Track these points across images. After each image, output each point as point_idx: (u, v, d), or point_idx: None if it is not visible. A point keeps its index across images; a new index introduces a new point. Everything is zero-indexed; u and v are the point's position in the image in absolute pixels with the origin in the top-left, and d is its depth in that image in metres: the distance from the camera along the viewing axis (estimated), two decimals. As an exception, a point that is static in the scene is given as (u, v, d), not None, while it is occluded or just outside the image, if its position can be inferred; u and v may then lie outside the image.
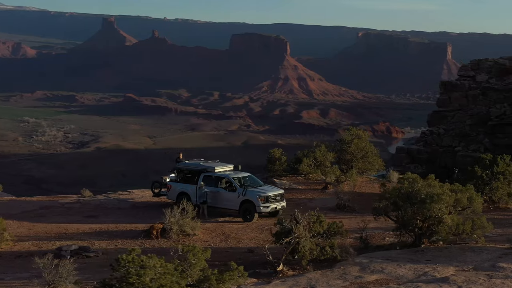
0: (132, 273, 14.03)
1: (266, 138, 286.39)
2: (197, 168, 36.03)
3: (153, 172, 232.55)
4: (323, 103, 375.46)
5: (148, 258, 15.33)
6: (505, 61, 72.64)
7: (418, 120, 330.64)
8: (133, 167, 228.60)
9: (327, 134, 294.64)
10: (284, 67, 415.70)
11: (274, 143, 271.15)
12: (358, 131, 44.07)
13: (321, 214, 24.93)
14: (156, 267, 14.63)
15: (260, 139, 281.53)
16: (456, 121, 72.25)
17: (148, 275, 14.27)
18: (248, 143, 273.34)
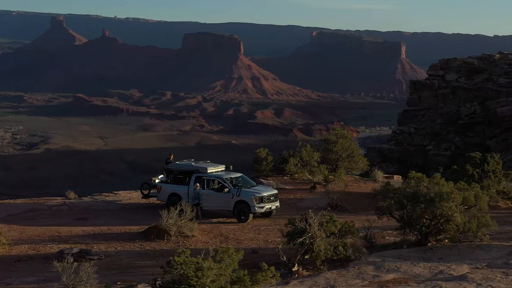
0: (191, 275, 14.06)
1: (220, 138, 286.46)
2: (189, 169, 35.99)
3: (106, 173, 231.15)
4: (278, 103, 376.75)
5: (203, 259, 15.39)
6: (474, 61, 74.37)
7: (373, 119, 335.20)
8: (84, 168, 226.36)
9: (282, 134, 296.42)
10: (237, 66, 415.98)
11: (228, 143, 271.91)
12: (343, 131, 44.50)
13: (333, 214, 25.23)
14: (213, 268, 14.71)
15: (214, 139, 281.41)
16: (426, 120, 73.78)
17: (208, 277, 14.34)
18: (202, 143, 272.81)
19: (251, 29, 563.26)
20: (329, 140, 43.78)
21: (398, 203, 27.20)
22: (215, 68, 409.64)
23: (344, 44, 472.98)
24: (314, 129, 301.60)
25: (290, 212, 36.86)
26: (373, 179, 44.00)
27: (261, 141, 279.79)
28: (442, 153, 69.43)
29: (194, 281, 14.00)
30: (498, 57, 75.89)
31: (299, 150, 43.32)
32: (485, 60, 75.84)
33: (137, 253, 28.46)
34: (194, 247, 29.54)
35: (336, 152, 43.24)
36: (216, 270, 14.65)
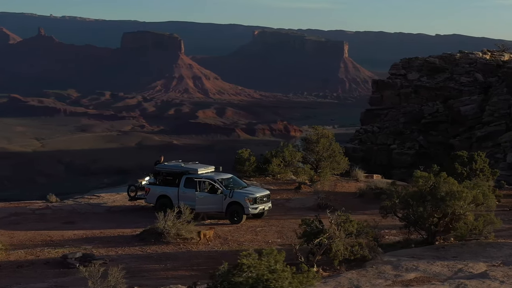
0: (270, 278, 14.13)
1: (161, 138, 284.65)
2: (179, 170, 35.92)
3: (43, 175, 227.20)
4: (220, 103, 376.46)
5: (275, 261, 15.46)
6: (435, 60, 75.84)
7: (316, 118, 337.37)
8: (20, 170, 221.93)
9: (224, 133, 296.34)
10: (178, 66, 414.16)
11: (169, 144, 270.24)
12: (324, 130, 44.95)
13: (348, 214, 25.57)
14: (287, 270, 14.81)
15: (154, 140, 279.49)
16: (389, 119, 74.97)
17: (286, 278, 14.44)
18: (143, 144, 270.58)
19: (192, 28, 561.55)
20: (310, 140, 44.08)
21: (404, 203, 27.71)
22: (155, 67, 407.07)
23: (286, 43, 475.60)
24: (257, 129, 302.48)
25: (280, 212, 37.22)
26: (354, 179, 44.55)
27: (203, 141, 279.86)
28: (406, 152, 70.69)
29: (273, 284, 14.05)
30: (459, 56, 77.60)
31: (281, 150, 43.54)
32: (446, 59, 77.45)
33: (140, 256, 28.31)
34: (196, 249, 29.60)
35: (318, 152, 43.57)
36: (287, 273, 14.72)
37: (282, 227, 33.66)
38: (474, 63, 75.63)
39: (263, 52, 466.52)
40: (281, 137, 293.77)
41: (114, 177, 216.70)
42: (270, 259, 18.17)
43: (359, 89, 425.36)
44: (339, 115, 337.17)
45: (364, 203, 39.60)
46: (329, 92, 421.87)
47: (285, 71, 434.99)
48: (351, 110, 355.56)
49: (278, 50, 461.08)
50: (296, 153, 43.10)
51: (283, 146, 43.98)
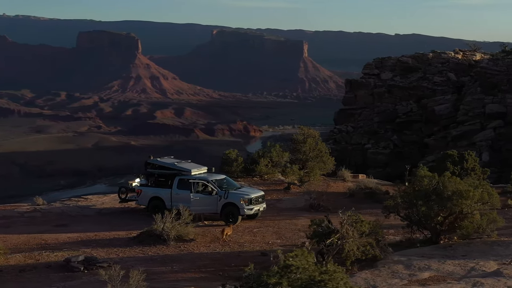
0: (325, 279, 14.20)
1: (119, 139, 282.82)
2: (171, 172, 35.78)
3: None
4: (178, 103, 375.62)
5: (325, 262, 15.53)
6: (408, 59, 76.75)
7: (276, 118, 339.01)
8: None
9: (183, 134, 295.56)
10: (135, 65, 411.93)
11: (127, 145, 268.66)
12: (309, 130, 45.16)
13: (359, 214, 25.79)
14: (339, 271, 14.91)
15: (112, 141, 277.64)
16: (363, 119, 75.65)
17: (342, 279, 14.53)
18: (100, 145, 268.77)
19: (149, 27, 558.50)
20: (296, 140, 44.27)
21: (408, 202, 28.03)
22: (112, 67, 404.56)
23: (245, 42, 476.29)
24: (217, 129, 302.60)
25: (272, 213, 37.29)
26: (341, 179, 44.86)
27: (161, 141, 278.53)
28: (381, 152, 71.41)
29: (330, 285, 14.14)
30: (431, 56, 78.66)
31: (268, 151, 43.65)
32: (418, 59, 78.47)
33: (143, 259, 28.14)
34: (198, 251, 29.54)
35: (304, 152, 43.78)
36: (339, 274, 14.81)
37: (278, 228, 33.75)
38: (447, 63, 76.77)
39: (222, 52, 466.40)
40: (240, 137, 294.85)
41: (71, 178, 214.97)
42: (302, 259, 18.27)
43: (319, 88, 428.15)
44: (299, 115, 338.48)
45: (355, 203, 39.75)
46: (289, 92, 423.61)
47: (245, 71, 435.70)
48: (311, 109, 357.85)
49: (237, 50, 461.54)
50: (284, 154, 43.15)
51: (270, 146, 43.98)
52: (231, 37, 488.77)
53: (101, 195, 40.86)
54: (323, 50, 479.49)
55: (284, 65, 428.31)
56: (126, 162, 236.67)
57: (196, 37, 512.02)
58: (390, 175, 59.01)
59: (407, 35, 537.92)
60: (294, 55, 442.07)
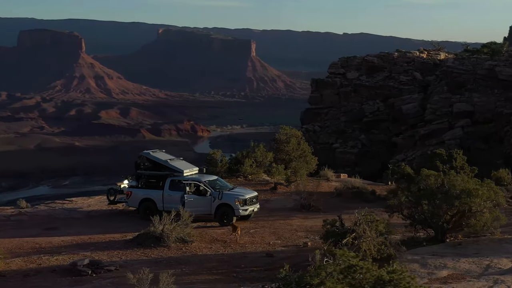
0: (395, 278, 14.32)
1: (62, 140, 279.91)
2: (162, 173, 35.59)
3: None
4: (123, 103, 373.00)
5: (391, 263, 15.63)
6: (373, 59, 77.63)
7: (224, 118, 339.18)
8: None
9: (129, 134, 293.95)
10: (79, 65, 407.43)
11: (71, 145, 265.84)
12: (292, 130, 45.41)
13: (372, 213, 26.09)
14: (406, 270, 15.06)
15: (55, 142, 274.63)
16: (330, 118, 76.29)
17: (412, 278, 14.69)
18: (42, 146, 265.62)
19: (93, 26, 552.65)
20: (279, 140, 44.47)
21: (412, 201, 28.43)
22: (55, 66, 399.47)
23: (192, 41, 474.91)
24: (163, 129, 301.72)
25: (263, 214, 37.37)
26: (325, 178, 45.20)
27: (107, 142, 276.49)
28: (349, 151, 72.09)
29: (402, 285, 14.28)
30: (397, 55, 79.69)
31: (252, 151, 43.74)
32: (384, 58, 79.42)
33: (148, 261, 27.87)
34: (202, 252, 29.47)
35: (288, 152, 44.01)
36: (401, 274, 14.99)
37: (275, 229, 33.85)
38: (412, 62, 77.89)
39: (168, 51, 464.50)
40: (188, 137, 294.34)
41: (12, 181, 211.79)
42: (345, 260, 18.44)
43: (267, 88, 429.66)
44: (247, 115, 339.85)
45: (344, 202, 40.28)
46: (237, 91, 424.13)
47: (192, 70, 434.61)
48: (259, 109, 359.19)
49: (184, 49, 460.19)
50: (268, 154, 43.30)
51: (254, 146, 44.08)
52: (177, 36, 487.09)
53: (85, 198, 40.46)
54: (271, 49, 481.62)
55: (232, 65, 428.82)
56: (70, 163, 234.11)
57: (142, 36, 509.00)
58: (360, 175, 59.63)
59: (355, 34, 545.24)
60: (242, 54, 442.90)
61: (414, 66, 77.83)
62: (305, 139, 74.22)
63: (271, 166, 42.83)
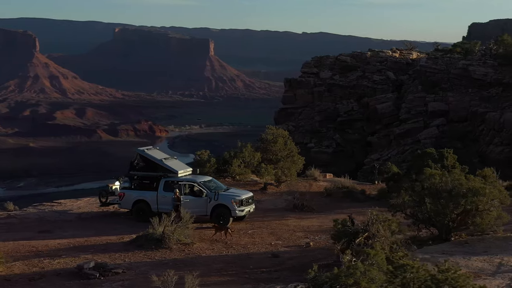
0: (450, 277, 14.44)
1: (16, 141, 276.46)
2: (156, 174, 35.38)
3: None
4: (79, 103, 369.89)
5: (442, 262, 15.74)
6: (347, 58, 78.19)
7: (182, 118, 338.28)
8: None
9: (85, 135, 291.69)
10: (33, 64, 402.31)
11: (25, 147, 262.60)
12: (278, 130, 45.51)
13: (383, 212, 26.29)
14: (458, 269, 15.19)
15: (9, 143, 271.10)
16: (304, 118, 76.61)
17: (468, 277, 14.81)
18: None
19: (47, 25, 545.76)
20: (266, 140, 44.54)
21: (416, 200, 28.72)
22: (8, 66, 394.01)
23: (149, 40, 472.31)
24: (120, 130, 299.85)
25: (257, 214, 37.38)
26: (312, 178, 45.40)
27: (62, 143, 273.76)
28: (324, 150, 72.46)
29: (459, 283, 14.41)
30: (369, 55, 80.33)
31: (240, 151, 43.74)
32: (357, 57, 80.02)
33: (153, 264, 27.73)
34: (205, 254, 29.38)
35: (275, 152, 44.10)
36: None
37: (272, 229, 33.90)
38: (385, 62, 78.61)
39: (125, 50, 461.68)
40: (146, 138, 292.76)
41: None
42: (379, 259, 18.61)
43: (225, 87, 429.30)
44: (206, 114, 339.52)
45: (335, 202, 40.59)
46: (195, 91, 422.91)
47: (149, 70, 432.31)
48: (218, 109, 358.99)
49: (141, 48, 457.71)
50: (255, 154, 43.34)
51: (241, 146, 44.09)
52: (134, 35, 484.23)
53: (74, 200, 40.01)
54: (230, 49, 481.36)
55: (190, 64, 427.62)
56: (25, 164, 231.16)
57: (98, 35, 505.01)
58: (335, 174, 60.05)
59: (314, 33, 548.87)
60: (200, 54, 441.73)
61: (387, 65, 78.57)
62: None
63: (259, 166, 42.84)
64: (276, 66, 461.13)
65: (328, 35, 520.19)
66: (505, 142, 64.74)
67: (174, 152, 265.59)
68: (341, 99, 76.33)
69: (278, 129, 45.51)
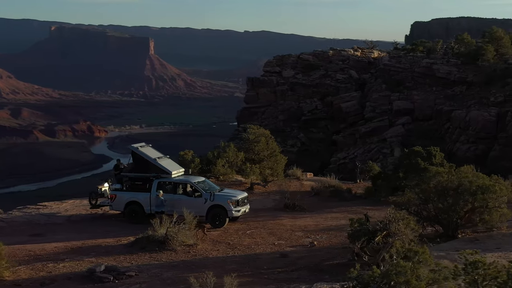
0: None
1: None
2: (149, 175, 35.13)
3: None
4: (14, 103, 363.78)
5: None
6: (309, 57, 78.80)
7: (122, 118, 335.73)
8: None
9: (21, 136, 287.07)
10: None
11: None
12: (259, 129, 45.61)
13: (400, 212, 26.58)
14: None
15: None
16: (268, 117, 76.91)
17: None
18: None
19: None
20: (249, 139, 44.61)
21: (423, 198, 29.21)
22: None
23: (87, 39, 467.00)
24: (58, 130, 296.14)
25: (249, 214, 37.33)
26: (295, 178, 45.63)
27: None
28: (289, 150, 72.77)
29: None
30: (332, 53, 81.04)
31: (223, 151, 43.71)
32: (319, 56, 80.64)
33: (162, 266, 27.51)
34: (212, 255, 29.29)
35: (257, 151, 44.21)
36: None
37: (270, 229, 33.92)
38: (347, 60, 79.41)
39: (62, 49, 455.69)
40: (84, 138, 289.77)
41: None
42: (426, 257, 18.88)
43: (166, 87, 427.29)
44: (147, 114, 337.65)
45: (324, 201, 40.85)
46: (135, 90, 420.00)
47: (87, 69, 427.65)
48: (159, 108, 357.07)
49: (79, 47, 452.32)
50: (239, 154, 43.39)
51: (225, 146, 44.07)
52: (71, 34, 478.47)
53: (58, 202, 39.43)
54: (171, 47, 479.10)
55: (130, 63, 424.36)
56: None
57: (33, 33, 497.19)
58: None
59: (256, 32, 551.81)
60: (140, 53, 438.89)
61: (349, 64, 79.40)
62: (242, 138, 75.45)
63: (244, 166, 42.89)
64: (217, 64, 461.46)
65: (270, 34, 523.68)
66: (471, 140, 66.13)
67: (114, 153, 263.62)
68: (305, 98, 76.83)
69: (259, 129, 45.50)
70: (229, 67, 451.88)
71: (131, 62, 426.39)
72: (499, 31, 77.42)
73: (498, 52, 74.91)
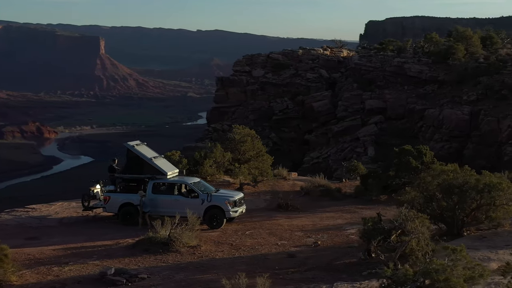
0: None
1: None
2: (143, 176, 34.90)
3: None
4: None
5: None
6: (279, 56, 79.07)
7: (72, 118, 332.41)
8: None
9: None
10: None
11: None
12: (245, 129, 45.63)
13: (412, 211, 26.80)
14: None
15: None
16: (238, 117, 76.96)
17: None
18: None
19: None
20: (235, 139, 44.60)
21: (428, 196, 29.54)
22: None
23: (35, 38, 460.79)
24: (5, 131, 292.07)
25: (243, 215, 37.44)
26: (282, 177, 45.76)
27: None
28: (261, 150, 72.85)
29: None
30: (301, 52, 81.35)
31: (209, 151, 43.61)
32: (288, 55, 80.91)
33: (171, 267, 27.33)
34: (218, 256, 29.22)
35: (243, 151, 44.24)
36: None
37: (268, 229, 33.97)
38: (317, 59, 79.83)
39: (9, 49, 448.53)
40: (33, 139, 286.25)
41: None
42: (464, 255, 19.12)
43: (118, 87, 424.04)
44: (98, 114, 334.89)
45: (315, 201, 41.05)
46: (85, 90, 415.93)
47: (35, 69, 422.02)
48: (110, 109, 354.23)
49: (27, 46, 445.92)
50: (226, 154, 43.34)
51: (211, 146, 43.97)
52: (19, 33, 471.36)
53: (46, 204, 38.95)
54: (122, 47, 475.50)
55: (80, 63, 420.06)
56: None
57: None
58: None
59: (209, 31, 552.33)
60: (90, 52, 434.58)
61: (319, 63, 79.79)
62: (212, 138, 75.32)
63: (232, 166, 42.88)
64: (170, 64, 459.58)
65: (223, 33, 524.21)
66: (444, 138, 67.03)
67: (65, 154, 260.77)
68: (275, 97, 77.04)
69: (245, 128, 45.51)
70: (182, 66, 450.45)
71: (81, 61, 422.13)
72: (468, 31, 78.68)
73: (468, 51, 76.13)
